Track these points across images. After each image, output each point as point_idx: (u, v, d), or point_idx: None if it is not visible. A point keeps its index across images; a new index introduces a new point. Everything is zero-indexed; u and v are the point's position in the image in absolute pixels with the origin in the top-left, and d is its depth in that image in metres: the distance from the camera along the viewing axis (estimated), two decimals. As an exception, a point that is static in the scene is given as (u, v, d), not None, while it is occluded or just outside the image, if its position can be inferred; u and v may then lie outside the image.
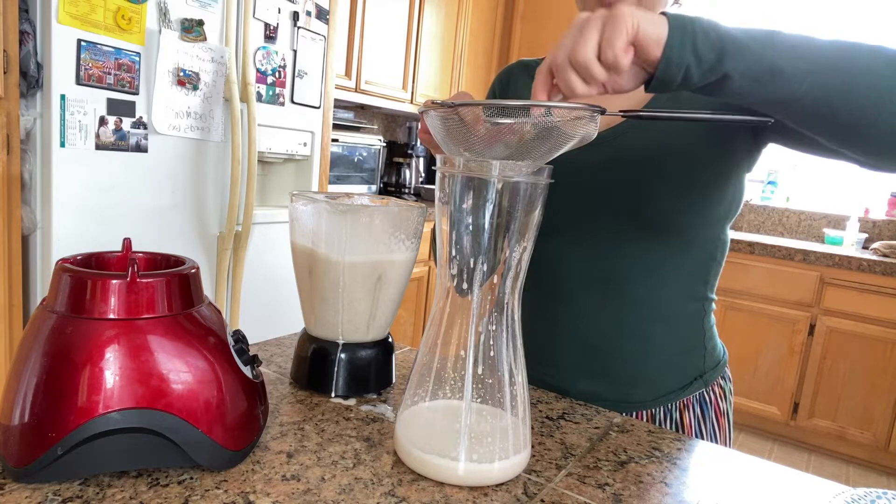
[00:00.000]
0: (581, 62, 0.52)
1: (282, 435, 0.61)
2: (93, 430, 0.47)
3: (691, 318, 0.83)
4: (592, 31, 0.51)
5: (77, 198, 1.45)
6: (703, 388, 0.84)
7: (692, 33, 0.52)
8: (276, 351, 0.85)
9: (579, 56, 0.51)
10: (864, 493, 0.53)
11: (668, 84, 0.54)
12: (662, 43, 0.52)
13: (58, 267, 0.50)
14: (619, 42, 0.51)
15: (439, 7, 3.07)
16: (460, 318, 0.57)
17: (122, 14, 1.45)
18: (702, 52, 0.52)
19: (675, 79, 0.54)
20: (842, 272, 2.70)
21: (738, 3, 3.41)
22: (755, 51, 0.53)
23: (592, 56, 0.52)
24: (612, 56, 0.51)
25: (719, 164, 0.76)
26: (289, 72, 1.89)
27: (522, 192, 0.54)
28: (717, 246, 0.82)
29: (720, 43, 0.53)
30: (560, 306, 0.82)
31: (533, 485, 0.56)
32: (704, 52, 0.52)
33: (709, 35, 0.53)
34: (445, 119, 0.58)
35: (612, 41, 0.51)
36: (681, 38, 0.52)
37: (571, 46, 0.52)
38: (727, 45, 0.53)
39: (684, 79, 0.54)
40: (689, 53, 0.52)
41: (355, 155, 2.77)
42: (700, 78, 0.54)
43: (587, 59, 0.51)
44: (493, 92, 0.96)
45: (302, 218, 0.70)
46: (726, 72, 0.54)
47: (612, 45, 0.51)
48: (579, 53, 0.51)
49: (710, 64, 0.53)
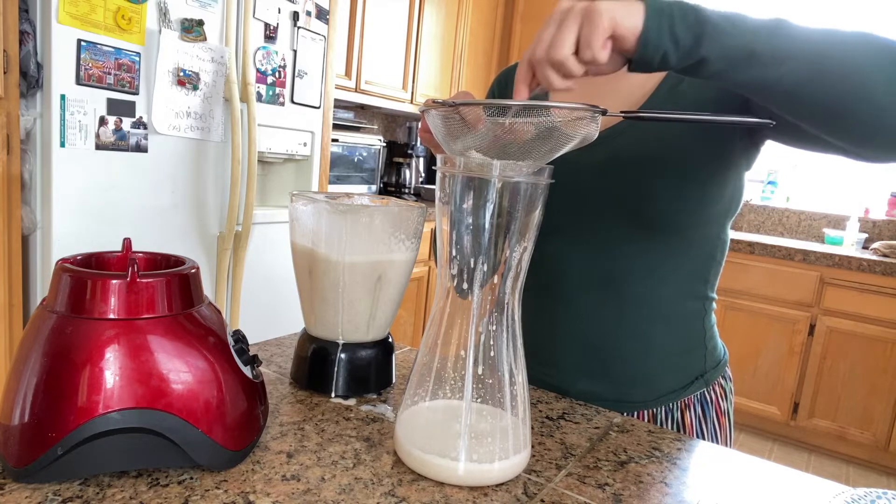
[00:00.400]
0: (559, 61, 0.53)
1: (282, 435, 0.61)
2: (93, 430, 0.47)
3: (692, 317, 0.83)
4: (570, 30, 0.52)
5: (77, 198, 1.45)
6: (704, 388, 0.84)
7: (669, 17, 0.53)
8: (276, 351, 0.85)
9: (557, 55, 0.52)
10: (864, 493, 0.53)
11: (647, 66, 0.56)
12: (638, 32, 0.53)
13: (58, 267, 0.50)
14: (597, 41, 0.52)
15: (439, 7, 3.07)
16: (460, 318, 0.57)
17: (122, 14, 1.45)
18: (679, 36, 0.53)
19: (653, 63, 0.55)
20: (842, 272, 2.70)
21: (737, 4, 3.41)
22: (733, 35, 0.54)
23: (569, 54, 0.53)
24: (591, 55, 0.53)
25: (718, 163, 0.76)
26: (289, 72, 1.89)
27: (523, 192, 0.54)
28: (717, 245, 0.82)
29: (698, 27, 0.54)
30: (560, 306, 0.82)
31: (533, 485, 0.56)
32: (682, 36, 0.53)
33: (687, 18, 0.53)
34: (446, 118, 0.58)
35: (590, 41, 0.52)
36: (657, 24, 0.53)
37: (550, 43, 0.53)
38: (705, 28, 0.54)
39: (662, 61, 0.55)
40: (666, 39, 0.53)
41: (355, 155, 2.77)
42: (678, 61, 0.55)
43: (565, 58, 0.52)
44: (493, 93, 0.96)
45: (302, 218, 0.70)
46: (703, 55, 0.55)
47: (589, 45, 0.52)
48: (557, 53, 0.52)
49: (688, 48, 0.54)
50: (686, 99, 0.76)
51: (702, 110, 0.74)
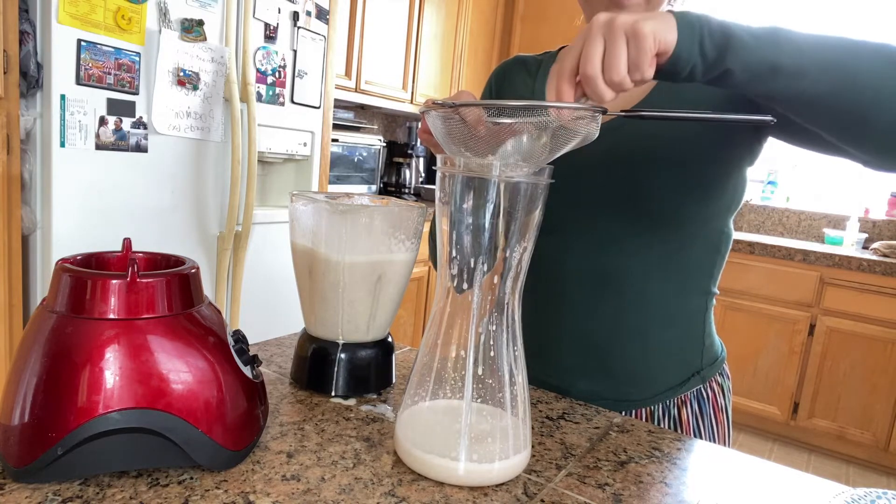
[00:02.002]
0: (618, 82, 0.53)
1: (282, 435, 0.61)
2: (93, 430, 0.47)
3: (692, 314, 0.83)
4: (621, 49, 0.53)
5: (77, 198, 1.45)
6: (701, 385, 0.84)
7: (699, 32, 0.54)
8: (276, 351, 0.85)
9: (616, 77, 0.53)
10: (864, 493, 0.53)
11: (674, 78, 0.57)
12: (673, 46, 0.54)
13: (58, 267, 0.50)
14: (645, 63, 0.53)
15: (439, 7, 3.06)
16: (460, 318, 0.57)
17: (122, 14, 1.45)
18: (707, 49, 0.55)
19: (682, 75, 0.56)
20: (842, 272, 2.70)
21: (738, 3, 3.41)
22: (757, 48, 0.55)
23: (626, 74, 0.53)
24: (640, 76, 0.54)
25: (719, 158, 0.76)
26: (289, 72, 1.89)
27: (523, 192, 0.54)
28: (721, 239, 0.82)
29: (724, 41, 0.55)
30: (560, 306, 0.82)
31: (533, 485, 0.56)
32: (709, 50, 0.55)
33: (714, 34, 0.54)
34: (446, 119, 0.58)
35: (639, 63, 0.53)
36: (689, 39, 0.54)
37: (603, 63, 0.53)
38: (731, 42, 0.55)
39: (689, 74, 0.56)
40: (696, 53, 0.55)
41: (355, 155, 2.77)
42: (703, 73, 0.56)
43: (622, 78, 0.53)
44: (490, 87, 0.96)
45: (302, 218, 0.70)
46: (728, 67, 0.56)
47: (639, 67, 0.53)
48: (615, 74, 0.53)
49: (713, 60, 0.55)
50: (686, 94, 0.76)
51: (702, 106, 0.74)
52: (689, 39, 0.54)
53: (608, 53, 0.53)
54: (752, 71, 0.56)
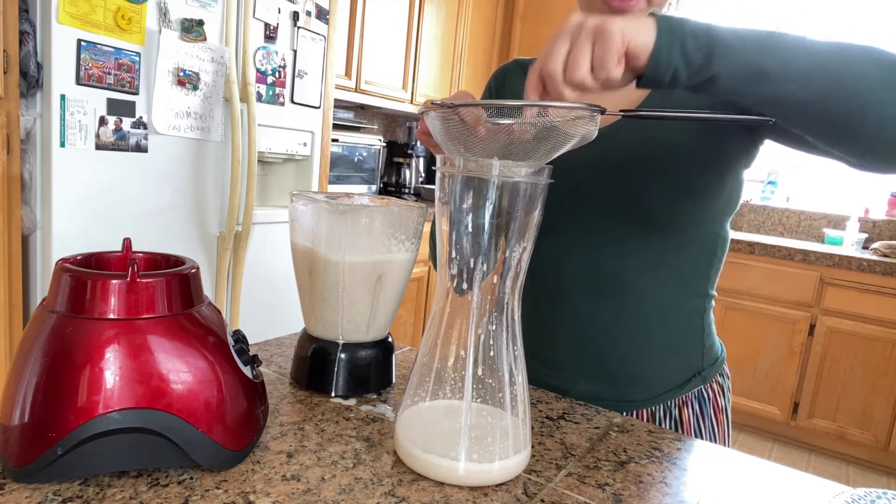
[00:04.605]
0: (578, 82, 0.53)
1: (282, 435, 0.61)
2: (93, 430, 0.47)
3: (691, 315, 0.83)
4: (585, 49, 0.52)
5: (77, 198, 1.45)
6: (702, 385, 0.84)
7: (681, 36, 0.54)
8: (276, 351, 0.85)
9: (575, 77, 0.53)
10: (864, 493, 0.53)
11: (657, 83, 0.56)
12: (650, 49, 0.53)
13: (58, 267, 0.50)
14: (611, 61, 0.52)
15: (439, 7, 3.07)
16: (460, 318, 0.57)
17: (122, 14, 1.45)
18: (690, 54, 0.54)
19: (664, 79, 0.55)
20: (842, 272, 2.70)
21: (738, 3, 3.41)
22: (744, 53, 0.54)
23: (586, 74, 0.53)
24: (605, 75, 0.53)
25: (716, 161, 0.76)
26: (289, 72, 1.89)
27: (522, 192, 0.54)
28: (718, 242, 0.82)
29: (709, 45, 0.54)
30: (560, 306, 0.82)
31: (533, 485, 0.56)
32: (693, 55, 0.54)
33: (697, 37, 0.54)
34: (445, 119, 0.58)
35: (604, 61, 0.52)
36: (668, 42, 0.53)
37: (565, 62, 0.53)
38: (716, 47, 0.54)
39: (673, 78, 0.55)
40: (677, 56, 0.54)
41: (355, 155, 2.77)
42: (688, 78, 0.56)
43: (582, 78, 0.53)
44: (490, 90, 0.96)
45: (302, 218, 0.70)
46: (714, 73, 0.55)
47: (604, 65, 0.52)
48: (575, 74, 0.53)
49: (698, 65, 0.54)
50: (682, 98, 0.76)
51: (698, 109, 0.74)
52: (668, 42, 0.53)
53: (571, 52, 0.53)
54: (739, 76, 0.55)
